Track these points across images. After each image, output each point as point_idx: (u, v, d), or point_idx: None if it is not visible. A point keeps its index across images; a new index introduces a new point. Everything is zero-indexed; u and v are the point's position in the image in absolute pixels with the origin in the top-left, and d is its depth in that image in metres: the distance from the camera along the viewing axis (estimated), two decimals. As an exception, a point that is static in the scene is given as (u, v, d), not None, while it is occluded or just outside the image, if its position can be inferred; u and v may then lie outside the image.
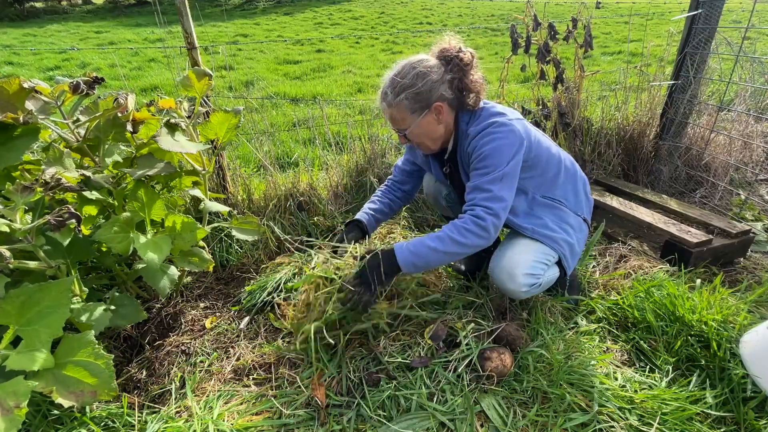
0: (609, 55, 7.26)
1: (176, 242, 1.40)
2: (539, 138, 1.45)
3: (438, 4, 16.42)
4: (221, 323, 1.67)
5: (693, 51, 2.44)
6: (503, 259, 1.42)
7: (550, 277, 1.48)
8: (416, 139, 1.42)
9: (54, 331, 1.03)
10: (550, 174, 1.46)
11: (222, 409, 1.29)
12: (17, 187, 1.03)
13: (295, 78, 6.33)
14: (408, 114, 1.35)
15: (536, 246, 1.44)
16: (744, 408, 1.24)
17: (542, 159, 1.43)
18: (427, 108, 1.35)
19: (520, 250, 1.42)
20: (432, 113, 1.36)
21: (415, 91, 1.32)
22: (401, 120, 1.38)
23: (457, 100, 1.38)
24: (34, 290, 1.05)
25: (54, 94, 1.23)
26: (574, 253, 1.51)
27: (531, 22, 2.31)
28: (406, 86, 1.32)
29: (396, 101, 1.34)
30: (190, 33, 1.92)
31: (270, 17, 13.91)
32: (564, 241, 1.46)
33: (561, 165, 1.49)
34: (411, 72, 1.32)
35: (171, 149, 1.32)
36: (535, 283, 1.41)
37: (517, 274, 1.38)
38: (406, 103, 1.33)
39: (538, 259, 1.42)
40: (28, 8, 16.02)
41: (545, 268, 1.45)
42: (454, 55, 1.34)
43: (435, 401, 1.25)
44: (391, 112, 1.38)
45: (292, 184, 2.31)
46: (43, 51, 8.24)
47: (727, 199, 2.49)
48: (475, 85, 1.37)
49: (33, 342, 1.02)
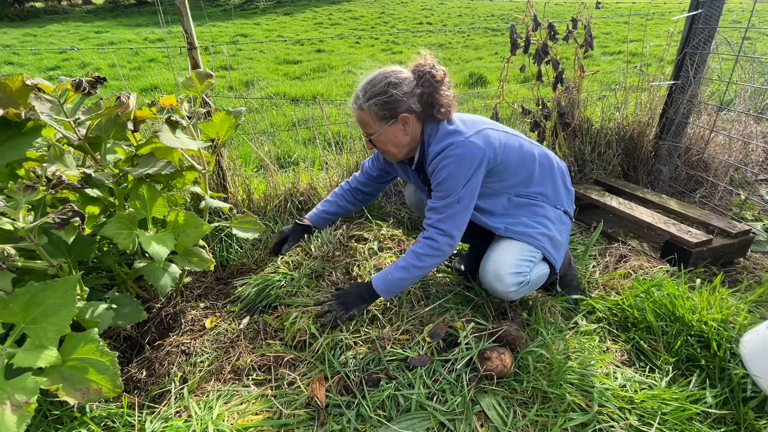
0: (609, 55, 7.26)
1: (180, 238, 1.40)
2: (508, 142, 1.45)
3: (438, 4, 16.42)
4: (221, 323, 1.67)
5: (693, 51, 2.45)
6: (488, 262, 1.46)
7: (539, 274, 1.49)
8: (381, 145, 1.47)
9: (61, 328, 1.04)
10: (523, 174, 1.48)
11: (222, 409, 1.29)
12: (20, 186, 1.03)
13: (295, 78, 6.34)
14: (375, 120, 1.40)
15: (518, 245, 1.46)
16: (744, 408, 1.24)
17: (512, 162, 1.45)
18: (394, 117, 1.39)
19: (503, 250, 1.45)
20: (399, 123, 1.40)
21: (384, 99, 1.36)
22: (368, 124, 1.43)
23: (425, 114, 1.41)
24: (39, 288, 1.05)
25: (56, 93, 1.23)
26: (557, 246, 1.52)
27: (531, 22, 2.31)
28: (377, 93, 1.37)
29: (366, 105, 1.39)
30: (190, 33, 1.92)
31: (270, 17, 13.91)
32: (541, 235, 1.48)
33: (535, 163, 1.50)
34: (383, 81, 1.37)
35: (172, 145, 1.33)
36: (523, 282, 1.42)
37: (503, 274, 1.40)
38: (375, 110, 1.38)
39: (523, 257, 1.44)
40: (28, 8, 16.03)
41: (531, 265, 1.46)
42: (426, 71, 1.38)
43: (435, 401, 1.25)
44: (360, 115, 1.43)
45: (292, 184, 2.31)
46: (43, 51, 8.25)
47: (727, 199, 2.49)
48: (446, 100, 1.40)
49: (40, 339, 1.03)
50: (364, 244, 1.96)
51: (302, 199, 2.28)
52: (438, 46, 8.76)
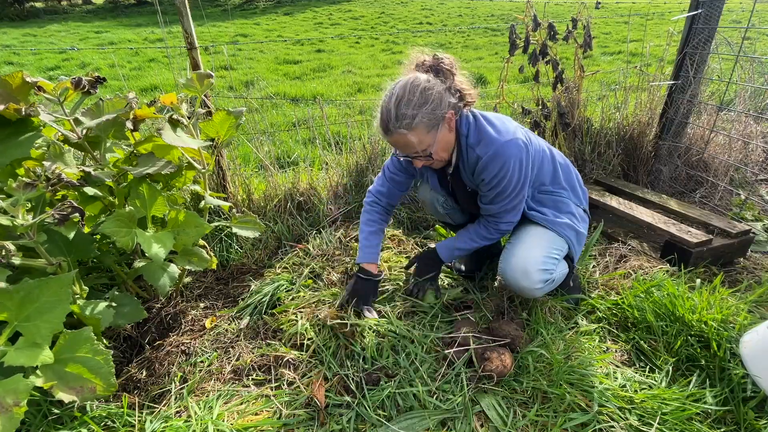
0: (609, 55, 7.26)
1: (180, 237, 1.40)
2: (532, 139, 1.47)
3: (438, 4, 16.42)
4: (221, 323, 1.67)
5: (693, 51, 2.45)
6: (513, 257, 1.44)
7: (562, 272, 1.51)
8: (437, 156, 1.36)
9: (54, 326, 1.03)
10: (545, 171, 1.51)
11: (222, 409, 1.29)
12: (19, 184, 1.03)
13: (295, 78, 6.33)
14: (426, 133, 1.29)
15: (543, 240, 1.46)
16: (744, 408, 1.24)
17: (538, 159, 1.47)
18: (442, 120, 1.30)
19: (529, 246, 1.45)
20: (445, 124, 1.32)
21: (430, 108, 1.26)
22: (421, 142, 1.30)
23: (456, 105, 1.36)
24: (33, 286, 1.04)
25: (56, 91, 1.23)
26: (580, 241, 1.55)
27: (530, 22, 2.31)
28: (420, 104, 1.26)
29: (414, 124, 1.26)
30: (190, 33, 1.92)
31: (270, 17, 13.91)
32: (569, 227, 1.50)
33: (555, 161, 1.54)
34: (416, 90, 1.26)
35: (173, 143, 1.34)
36: (549, 279, 1.43)
37: (531, 271, 1.40)
38: (425, 122, 1.27)
39: (549, 254, 1.44)
40: (28, 8, 16.02)
41: (556, 263, 1.47)
42: (438, 62, 1.33)
43: (435, 401, 1.25)
44: (407, 140, 1.29)
45: (292, 184, 2.31)
46: (43, 51, 8.25)
47: (727, 199, 2.49)
48: (464, 84, 1.37)
49: (33, 337, 1.02)
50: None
51: (302, 199, 2.28)
52: (438, 46, 8.76)
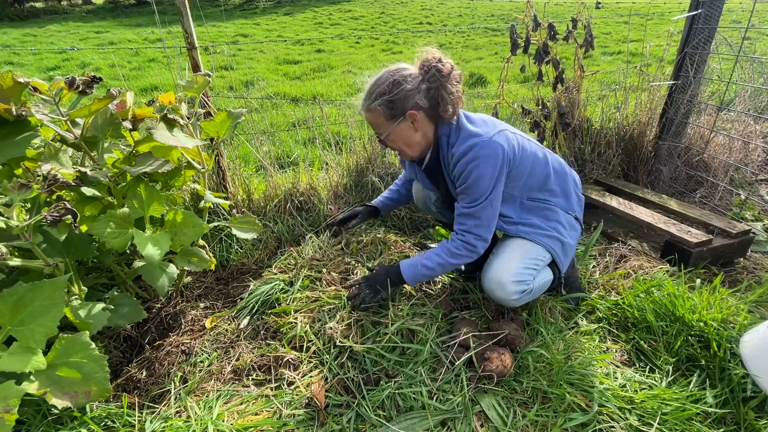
0: (609, 55, 7.26)
1: (178, 237, 1.39)
2: (523, 144, 1.45)
3: (438, 4, 16.42)
4: (221, 323, 1.67)
5: (693, 51, 2.44)
6: (490, 269, 1.45)
7: (542, 281, 1.49)
8: (392, 145, 1.47)
9: (48, 330, 1.02)
10: (536, 177, 1.48)
11: (222, 409, 1.28)
12: (14, 184, 1.02)
13: (295, 78, 6.33)
14: (384, 120, 1.40)
15: (522, 251, 1.45)
16: (744, 408, 1.24)
17: (527, 165, 1.44)
18: (402, 115, 1.38)
19: (507, 258, 1.44)
20: (407, 120, 1.39)
21: (389, 99, 1.36)
22: (378, 125, 1.43)
23: (433, 110, 1.40)
24: (27, 289, 1.03)
25: (51, 91, 1.22)
26: (566, 250, 1.52)
27: (531, 22, 2.31)
28: (382, 93, 1.36)
29: (373, 106, 1.38)
30: (190, 33, 1.92)
31: (270, 17, 13.91)
32: (553, 238, 1.48)
33: (549, 167, 1.50)
34: (388, 80, 1.36)
35: (167, 143, 1.32)
36: (526, 290, 1.42)
37: (505, 282, 1.39)
38: (382, 110, 1.38)
39: (526, 265, 1.43)
40: (28, 8, 16.02)
41: (534, 273, 1.45)
42: (433, 65, 1.36)
43: (435, 401, 1.25)
44: (369, 117, 1.44)
45: (292, 184, 2.31)
46: (43, 51, 8.25)
47: (727, 199, 2.48)
48: (452, 97, 1.38)
49: (27, 342, 1.00)
50: (362, 245, 1.96)
51: (302, 199, 2.28)
52: (438, 46, 8.75)
